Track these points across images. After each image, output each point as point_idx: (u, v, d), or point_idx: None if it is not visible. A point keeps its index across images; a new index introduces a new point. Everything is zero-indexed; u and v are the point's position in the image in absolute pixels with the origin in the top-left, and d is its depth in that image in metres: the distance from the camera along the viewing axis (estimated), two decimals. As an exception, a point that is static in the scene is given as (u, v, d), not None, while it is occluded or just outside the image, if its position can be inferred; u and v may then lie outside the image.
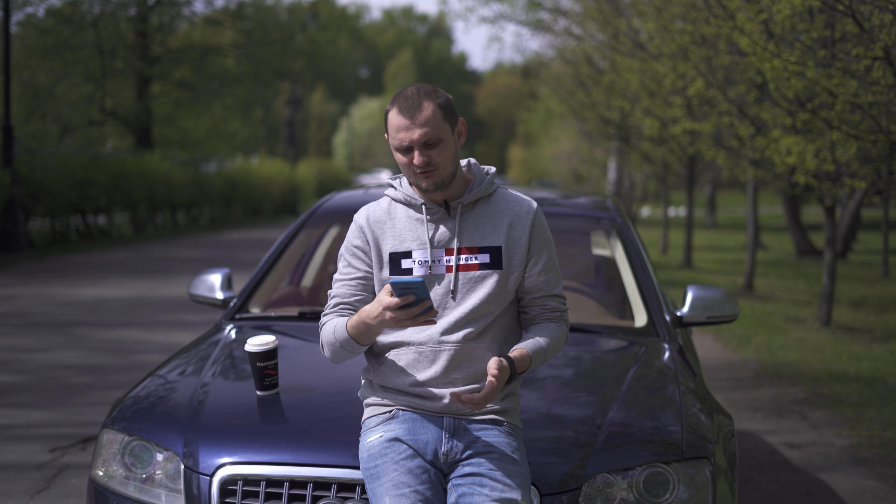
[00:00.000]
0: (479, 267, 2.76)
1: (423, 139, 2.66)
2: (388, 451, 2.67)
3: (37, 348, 8.31)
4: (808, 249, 20.78)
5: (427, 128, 2.66)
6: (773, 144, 9.58)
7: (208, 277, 4.44)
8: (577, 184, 37.69)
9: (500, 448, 2.69)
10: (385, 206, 2.86)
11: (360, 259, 2.82)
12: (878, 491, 5.19)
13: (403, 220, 2.81)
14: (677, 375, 3.50)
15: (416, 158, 2.67)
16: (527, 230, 2.80)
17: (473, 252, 2.77)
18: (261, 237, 22.61)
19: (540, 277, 2.82)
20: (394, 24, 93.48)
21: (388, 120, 2.71)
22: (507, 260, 2.78)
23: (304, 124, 63.39)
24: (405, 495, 2.58)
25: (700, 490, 2.87)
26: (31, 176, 17.60)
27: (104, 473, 3.09)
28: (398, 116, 2.67)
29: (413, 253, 2.77)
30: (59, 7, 24.72)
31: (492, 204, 2.83)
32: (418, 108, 2.66)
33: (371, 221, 2.83)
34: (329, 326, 2.79)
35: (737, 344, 9.66)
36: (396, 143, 2.69)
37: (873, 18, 6.40)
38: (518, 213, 2.82)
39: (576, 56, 20.95)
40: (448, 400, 2.71)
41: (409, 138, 2.66)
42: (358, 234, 2.84)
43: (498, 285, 2.76)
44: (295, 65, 31.27)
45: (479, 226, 2.80)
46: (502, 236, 2.79)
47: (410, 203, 2.81)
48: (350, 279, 2.83)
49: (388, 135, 2.74)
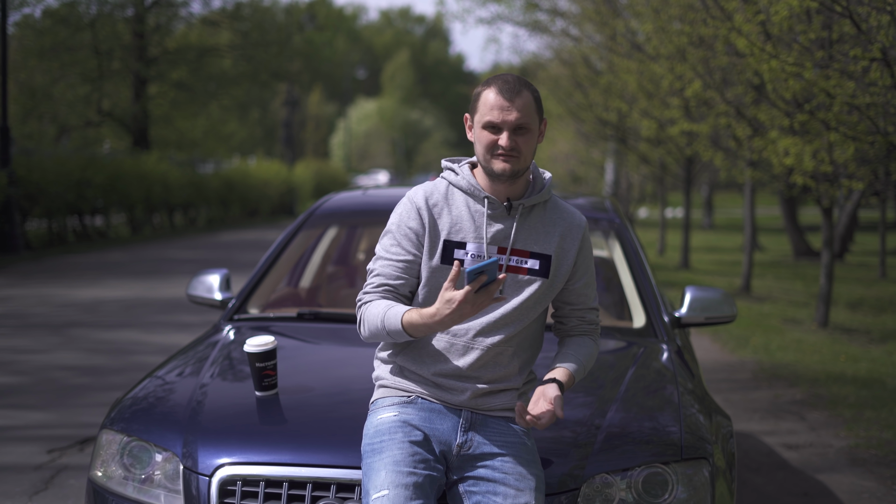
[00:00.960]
0: (527, 272, 2.77)
1: (517, 122, 2.67)
2: (397, 430, 2.68)
3: (34, 349, 8.30)
4: (806, 250, 20.79)
5: (522, 113, 2.67)
6: (771, 145, 9.59)
7: (207, 278, 4.45)
8: (575, 185, 37.70)
9: (514, 448, 2.71)
10: (443, 189, 2.81)
11: (411, 241, 2.76)
12: (876, 492, 5.20)
13: (462, 209, 2.77)
14: (676, 376, 3.50)
15: (504, 140, 2.67)
16: (577, 244, 2.83)
17: (524, 256, 2.77)
18: (258, 238, 22.60)
19: (583, 291, 2.87)
20: (391, 25, 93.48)
21: (480, 98, 2.70)
22: (555, 269, 2.80)
23: (302, 125, 63.35)
24: (402, 473, 2.58)
25: (699, 490, 2.88)
26: (28, 177, 17.58)
27: (103, 474, 3.09)
28: (497, 95, 2.67)
29: (467, 245, 2.74)
30: (56, 8, 24.71)
31: (547, 211, 2.83)
32: (518, 92, 2.68)
33: (430, 204, 2.78)
34: (376, 310, 2.69)
35: (734, 345, 9.66)
36: (488, 119, 2.67)
37: (871, 20, 6.41)
38: (570, 226, 2.84)
39: (573, 57, 20.96)
40: (469, 395, 2.73)
41: (503, 118, 2.66)
42: (414, 215, 2.77)
43: (540, 292, 2.78)
44: (292, 66, 31.26)
45: (534, 231, 2.79)
46: (553, 245, 2.80)
47: (473, 193, 2.78)
48: (397, 260, 2.76)
49: (472, 115, 2.73)
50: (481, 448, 2.70)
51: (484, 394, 2.75)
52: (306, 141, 65.41)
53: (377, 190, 5.14)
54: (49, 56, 23.39)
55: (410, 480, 2.57)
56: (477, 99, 2.72)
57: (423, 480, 2.60)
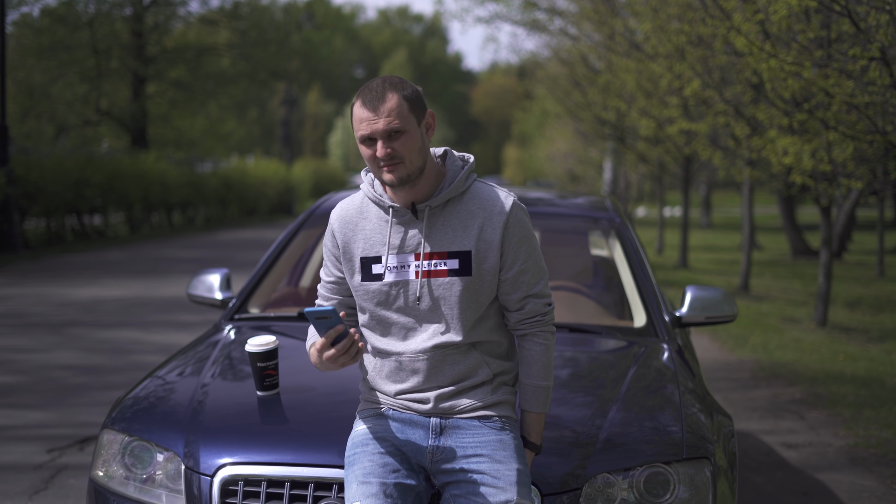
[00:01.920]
0: (447, 273, 2.65)
1: (386, 129, 2.56)
2: (368, 443, 2.69)
3: (33, 349, 8.29)
4: (804, 250, 20.80)
5: (390, 118, 2.56)
6: (770, 144, 9.59)
7: (207, 278, 4.44)
8: (573, 184, 37.71)
9: (489, 447, 2.66)
10: (358, 202, 2.77)
11: (333, 264, 2.79)
12: (876, 491, 5.20)
13: (374, 222, 2.72)
14: (676, 375, 3.50)
15: (379, 150, 2.57)
16: (499, 232, 2.65)
17: (443, 257, 2.65)
18: (256, 237, 22.59)
19: (518, 279, 2.69)
20: (389, 24, 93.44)
21: (352, 113, 2.63)
22: (478, 265, 2.65)
23: (300, 124, 63.34)
24: (371, 483, 2.59)
25: (700, 490, 2.88)
26: (26, 176, 17.57)
27: (104, 474, 3.08)
28: (362, 108, 2.58)
29: (382, 258, 2.69)
30: (55, 7, 24.69)
31: (464, 203, 2.69)
32: (382, 98, 2.57)
33: (343, 223, 2.76)
34: (308, 339, 2.80)
35: (733, 344, 9.67)
36: (360, 134, 2.60)
37: (870, 19, 6.41)
38: (490, 214, 2.67)
39: (572, 56, 20.96)
40: (433, 402, 2.69)
41: (371, 129, 2.57)
42: (330, 238, 2.79)
43: (467, 292, 2.66)
44: (290, 65, 31.25)
45: (449, 228, 2.67)
46: (472, 240, 2.65)
47: (379, 203, 2.71)
48: (327, 282, 2.83)
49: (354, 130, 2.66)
50: (455, 452, 2.66)
51: (448, 396, 2.69)
52: (304, 140, 65.43)
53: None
54: (47, 55, 23.38)
55: (380, 490, 2.58)
56: (351, 115, 2.64)
57: (394, 490, 2.60)
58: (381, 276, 2.68)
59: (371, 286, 2.70)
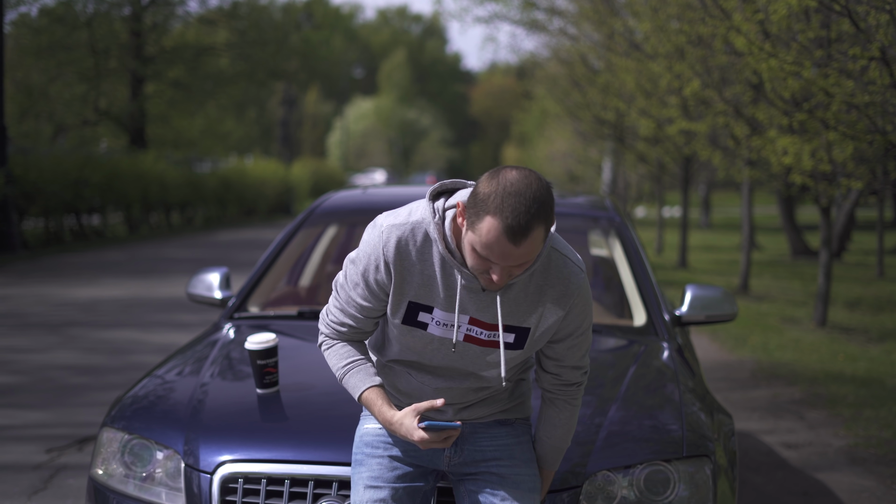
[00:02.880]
0: (497, 345, 2.49)
1: (517, 262, 2.30)
2: (378, 445, 2.63)
3: (32, 349, 8.29)
4: (803, 250, 20.81)
5: (526, 251, 2.27)
6: (769, 144, 9.59)
7: (206, 277, 4.44)
8: (572, 184, 37.71)
9: (508, 450, 2.64)
10: (420, 239, 2.43)
11: (372, 293, 2.49)
12: (876, 491, 5.20)
13: (436, 268, 2.43)
14: (677, 374, 3.50)
15: (497, 276, 2.31)
16: (564, 311, 2.49)
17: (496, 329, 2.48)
18: (255, 237, 22.59)
19: (567, 352, 2.57)
20: (388, 24, 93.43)
21: (483, 221, 2.25)
22: (532, 340, 2.50)
23: (299, 124, 63.31)
24: (379, 489, 2.57)
25: (701, 488, 2.87)
26: (25, 176, 17.56)
27: (104, 472, 3.08)
28: (502, 237, 2.23)
29: (434, 310, 2.46)
30: (53, 6, 24.68)
31: (535, 275, 2.46)
32: (526, 233, 2.24)
33: (400, 256, 2.43)
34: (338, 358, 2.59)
35: (733, 344, 9.67)
36: (483, 253, 2.28)
37: (870, 18, 6.41)
38: (563, 292, 2.47)
39: (571, 56, 20.95)
40: (451, 413, 2.61)
41: (501, 261, 2.28)
42: (382, 266, 2.44)
43: (514, 361, 2.54)
44: (289, 65, 31.25)
45: (517, 304, 2.45)
46: (535, 318, 2.47)
47: (450, 260, 2.43)
48: (358, 304, 2.52)
49: (468, 215, 2.30)
50: (473, 456, 2.63)
51: (467, 407, 2.63)
52: (303, 140, 65.44)
53: (377, 189, 5.14)
54: (46, 55, 23.36)
55: (387, 494, 2.56)
56: (479, 214, 2.27)
57: (403, 494, 2.59)
58: (425, 327, 2.49)
59: (415, 332, 2.50)
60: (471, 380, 2.56)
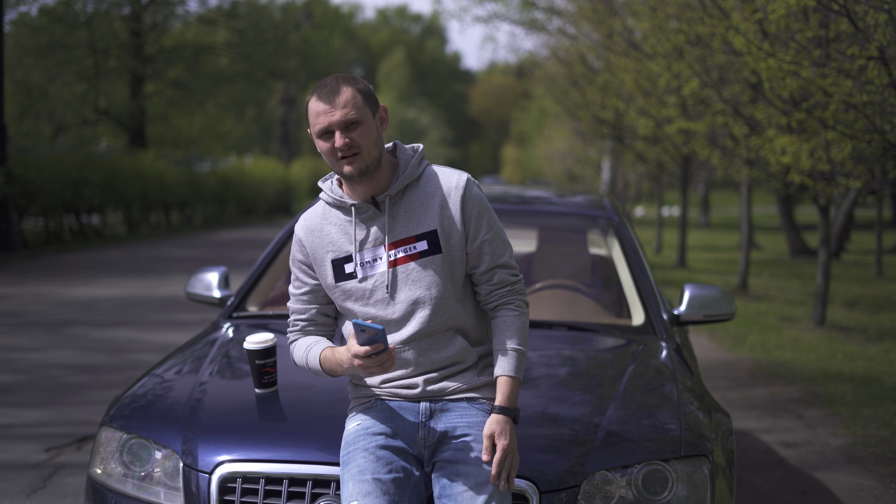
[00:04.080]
0: (419, 256, 2.72)
1: (343, 119, 2.63)
2: (360, 439, 2.70)
3: (31, 348, 8.29)
4: (802, 249, 20.82)
5: (346, 108, 2.64)
6: (768, 144, 9.60)
7: (205, 276, 4.45)
8: (571, 183, 37.72)
9: (477, 428, 2.70)
10: (321, 210, 2.84)
11: (304, 273, 2.84)
12: (874, 490, 5.21)
13: (338, 224, 2.79)
14: (675, 374, 3.50)
15: (337, 140, 2.64)
16: (458, 207, 2.73)
17: (410, 242, 2.73)
18: (255, 236, 22.59)
19: (482, 250, 2.75)
20: (387, 24, 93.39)
21: (308, 110, 2.69)
22: (446, 241, 2.72)
23: (298, 124, 63.29)
24: (367, 481, 2.60)
25: (698, 488, 2.88)
26: (24, 175, 17.56)
27: (102, 471, 3.08)
28: (318, 102, 2.66)
29: (353, 256, 2.75)
30: (53, 6, 24.68)
31: (421, 186, 2.76)
32: (337, 91, 2.65)
33: (308, 231, 2.82)
34: (300, 350, 2.83)
35: (731, 343, 9.67)
36: (317, 128, 2.66)
37: (868, 18, 6.42)
38: (448, 190, 2.74)
39: (570, 56, 20.96)
40: (421, 387, 2.73)
41: (328, 121, 2.64)
42: (298, 248, 2.83)
43: (441, 270, 2.72)
44: (289, 64, 31.25)
45: (412, 213, 2.74)
46: (435, 219, 2.73)
47: (341, 206, 2.78)
48: (300, 294, 2.85)
49: (310, 128, 2.71)
50: (446, 433, 2.70)
51: (437, 380, 2.74)
52: (303, 139, 65.33)
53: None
54: (45, 54, 23.37)
55: (377, 487, 2.59)
56: (306, 112, 2.71)
57: (390, 484, 2.61)
58: (355, 274, 2.75)
59: (346, 285, 2.76)
60: (428, 314, 2.70)
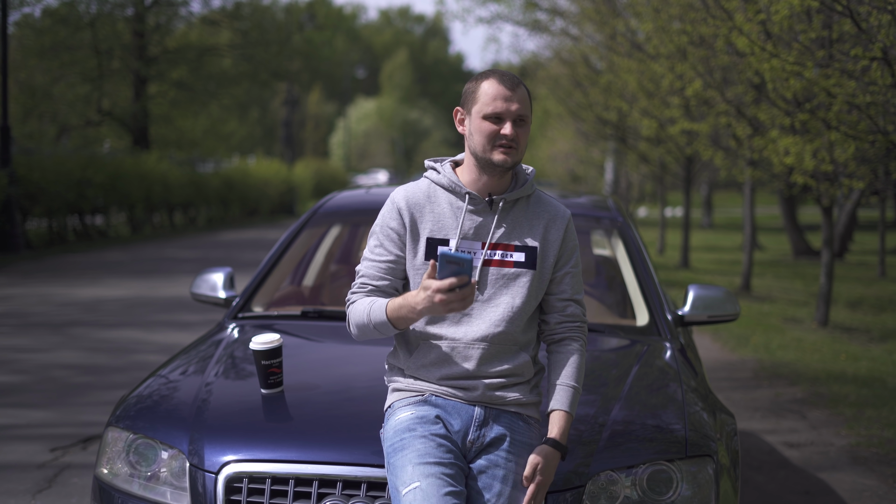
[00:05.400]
0: (513, 265, 2.76)
1: (518, 113, 2.69)
2: (416, 426, 2.68)
3: (35, 348, 8.31)
4: (805, 250, 20.81)
5: (523, 104, 2.71)
6: (771, 145, 9.60)
7: (211, 276, 4.46)
8: (574, 184, 37.71)
9: (518, 447, 2.71)
10: (424, 188, 2.83)
11: (393, 242, 2.80)
12: (878, 490, 5.21)
13: (445, 206, 2.79)
14: (679, 374, 3.51)
15: (507, 129, 2.68)
16: (561, 234, 2.83)
17: (509, 249, 2.77)
18: (258, 237, 22.61)
19: (565, 280, 2.84)
20: (390, 25, 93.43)
21: (479, 89, 2.72)
22: (541, 260, 2.80)
23: (301, 124, 63.34)
24: (429, 464, 2.58)
25: (703, 488, 2.88)
26: (28, 176, 17.58)
27: (109, 471, 3.09)
28: (498, 85, 2.70)
29: (451, 242, 2.75)
30: (56, 7, 24.69)
31: (531, 205, 2.84)
32: (518, 85, 2.71)
33: (410, 203, 2.79)
34: (361, 306, 2.75)
35: (735, 344, 9.67)
36: (490, 109, 2.68)
37: (871, 19, 6.42)
38: (554, 217, 2.84)
39: (573, 56, 20.97)
40: (481, 390, 2.73)
41: (506, 108, 2.69)
42: (395, 216, 2.80)
43: (531, 285, 2.77)
44: (292, 65, 31.26)
45: (518, 224, 2.80)
46: (539, 237, 2.80)
47: (454, 190, 2.79)
48: (380, 261, 2.80)
49: (468, 107, 2.73)
50: (494, 443, 2.71)
51: (497, 388, 2.75)
52: (306, 140, 65.42)
53: (380, 189, 5.14)
54: (49, 55, 23.37)
55: (439, 470, 2.58)
56: (474, 90, 2.73)
57: (452, 469, 2.61)
58: None
59: None
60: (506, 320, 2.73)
